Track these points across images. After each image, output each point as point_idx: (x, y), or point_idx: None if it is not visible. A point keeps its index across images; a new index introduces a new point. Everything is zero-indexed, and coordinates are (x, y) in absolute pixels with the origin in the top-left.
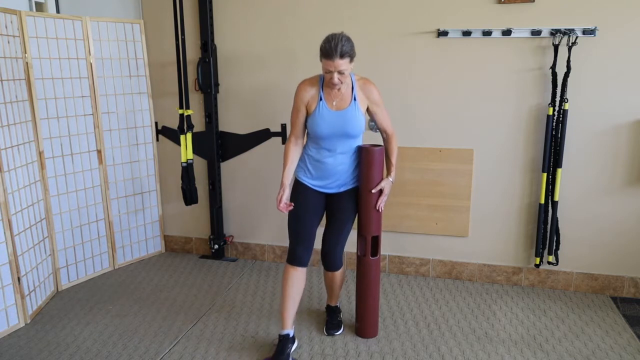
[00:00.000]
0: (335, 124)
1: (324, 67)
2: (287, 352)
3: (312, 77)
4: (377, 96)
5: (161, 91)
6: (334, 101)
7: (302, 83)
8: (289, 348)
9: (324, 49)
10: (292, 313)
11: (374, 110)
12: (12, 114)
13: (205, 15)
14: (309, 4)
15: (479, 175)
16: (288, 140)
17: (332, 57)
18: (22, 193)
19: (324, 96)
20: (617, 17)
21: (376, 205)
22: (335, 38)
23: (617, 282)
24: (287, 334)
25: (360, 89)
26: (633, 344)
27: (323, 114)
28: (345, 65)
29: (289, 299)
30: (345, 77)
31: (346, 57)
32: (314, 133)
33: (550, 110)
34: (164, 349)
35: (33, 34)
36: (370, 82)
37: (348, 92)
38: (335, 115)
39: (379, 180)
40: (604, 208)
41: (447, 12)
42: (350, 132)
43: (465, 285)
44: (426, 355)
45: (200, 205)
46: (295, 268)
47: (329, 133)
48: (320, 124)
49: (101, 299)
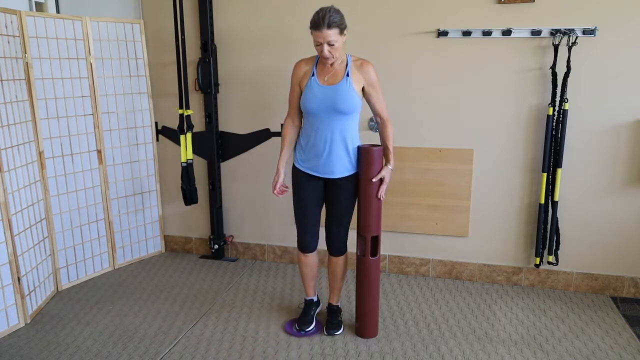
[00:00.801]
0: (324, 98)
1: (314, 39)
2: (312, 314)
3: (309, 57)
4: (374, 77)
5: (161, 91)
6: (325, 76)
7: (299, 62)
8: (313, 310)
9: (313, 21)
10: (313, 284)
11: (369, 92)
12: (12, 114)
13: (205, 15)
14: (309, 4)
15: (479, 175)
16: (285, 121)
17: (320, 28)
18: (22, 193)
19: (316, 72)
20: (617, 17)
21: (377, 194)
22: (323, 10)
23: (617, 282)
24: (310, 299)
25: (357, 68)
26: (633, 344)
27: (313, 88)
28: (334, 36)
29: (307, 277)
30: (336, 49)
31: (334, 28)
32: (305, 107)
33: (550, 110)
34: (164, 349)
35: (33, 34)
36: (369, 63)
37: (341, 68)
38: (325, 89)
39: (377, 184)
40: (604, 208)
41: (447, 12)
42: (339, 107)
43: (465, 285)
44: (426, 355)
45: (200, 205)
46: (307, 255)
47: (318, 107)
48: (310, 97)
49: (101, 299)
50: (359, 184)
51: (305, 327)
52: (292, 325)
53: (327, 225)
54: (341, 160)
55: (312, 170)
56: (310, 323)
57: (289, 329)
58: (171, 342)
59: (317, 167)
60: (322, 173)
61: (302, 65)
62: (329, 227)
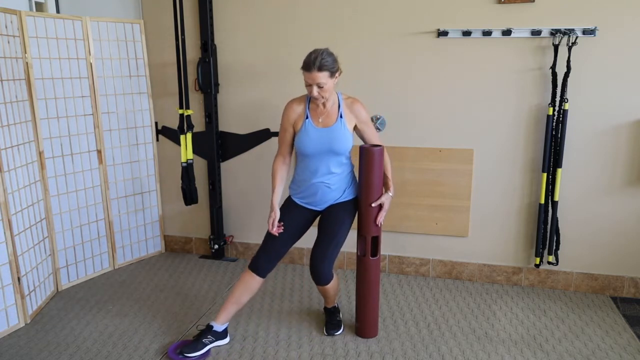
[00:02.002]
0: (321, 140)
1: (305, 80)
2: (204, 342)
3: (300, 97)
4: (364, 115)
5: (161, 91)
6: (319, 118)
7: (290, 102)
8: (208, 339)
9: (304, 62)
10: (231, 311)
11: (362, 129)
12: (12, 114)
13: (205, 15)
14: (309, 4)
15: (479, 175)
16: (275, 159)
17: (310, 70)
18: (22, 193)
19: (309, 114)
20: (617, 17)
21: (376, 220)
22: (316, 52)
23: (617, 282)
24: (212, 325)
25: (348, 108)
26: (633, 344)
27: (309, 131)
28: (324, 79)
29: (234, 298)
30: (326, 91)
31: (325, 71)
32: (301, 150)
33: (550, 110)
34: (164, 349)
35: (33, 34)
36: (358, 101)
37: (334, 109)
38: (321, 132)
39: (379, 180)
40: (604, 208)
41: (447, 12)
42: (336, 149)
43: (465, 285)
44: (426, 355)
45: (200, 205)
46: (252, 275)
47: (315, 150)
48: (306, 141)
49: (101, 299)
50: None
51: (187, 352)
52: (176, 348)
53: (315, 251)
54: (338, 191)
55: (310, 205)
56: (197, 350)
57: (171, 351)
58: (171, 342)
59: (314, 202)
60: (319, 206)
61: (294, 106)
62: (316, 251)
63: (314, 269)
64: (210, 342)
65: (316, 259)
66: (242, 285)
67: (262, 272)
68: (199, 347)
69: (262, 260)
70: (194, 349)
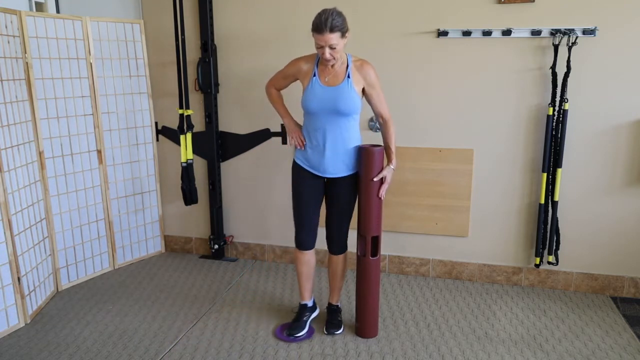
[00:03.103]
0: (326, 99)
1: (315, 41)
2: (304, 319)
3: (309, 55)
4: (374, 78)
5: (161, 91)
6: (326, 77)
7: (298, 58)
8: (306, 315)
9: (315, 23)
10: (309, 287)
11: (369, 92)
12: (12, 114)
13: (205, 15)
14: (309, 4)
15: (479, 175)
16: (269, 88)
17: (322, 31)
18: (22, 193)
19: (317, 72)
20: (617, 17)
21: (378, 193)
22: (326, 12)
23: (617, 282)
24: (305, 303)
25: (357, 69)
26: (633, 344)
27: (315, 89)
28: (336, 40)
29: (303, 276)
30: (337, 52)
31: (336, 31)
32: (306, 107)
33: (550, 110)
34: (164, 349)
35: (33, 34)
36: (368, 64)
37: (342, 69)
38: (326, 90)
39: (378, 183)
40: (604, 208)
41: (447, 12)
42: (341, 108)
43: (465, 285)
44: (426, 355)
45: (200, 205)
46: (303, 252)
47: (319, 108)
48: (311, 98)
49: (101, 299)
50: (360, 184)
51: (296, 332)
52: (282, 329)
53: (328, 223)
54: (342, 160)
55: (313, 168)
56: (302, 328)
57: (279, 334)
58: (171, 342)
59: (317, 166)
60: (322, 172)
61: (302, 63)
62: (329, 225)
63: (331, 239)
64: (308, 317)
65: (333, 233)
66: (301, 265)
67: (308, 245)
68: (302, 325)
69: (303, 235)
70: (300, 329)
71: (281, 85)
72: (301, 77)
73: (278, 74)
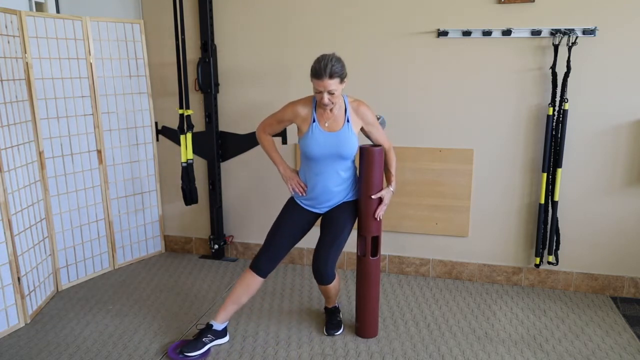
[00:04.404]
0: (328, 145)
1: (314, 87)
2: (204, 341)
3: (305, 98)
4: (370, 117)
5: (161, 91)
6: (326, 122)
7: (294, 103)
8: (208, 338)
9: (314, 69)
10: (230, 310)
11: (369, 130)
12: (12, 114)
13: (205, 15)
14: (308, 4)
15: (479, 175)
16: (261, 133)
17: (321, 77)
18: (22, 193)
19: (316, 117)
20: (617, 17)
21: (375, 214)
22: (325, 58)
23: (617, 282)
24: (212, 324)
25: (354, 111)
26: (633, 344)
27: (316, 135)
28: (335, 86)
29: (233, 297)
30: (336, 97)
31: (336, 78)
32: (307, 154)
33: (550, 110)
34: (164, 349)
35: (33, 34)
36: (363, 104)
37: (341, 113)
38: (328, 136)
39: (378, 180)
40: (604, 208)
41: (447, 12)
42: (343, 153)
43: (465, 285)
44: (426, 355)
45: (200, 205)
46: (253, 275)
47: (322, 154)
48: (313, 145)
49: (101, 299)
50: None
51: (187, 351)
52: (176, 347)
53: (317, 251)
54: (341, 194)
55: (313, 207)
56: (197, 349)
57: (171, 351)
58: (171, 342)
59: (318, 205)
60: (320, 209)
61: (299, 107)
62: (318, 252)
63: (317, 270)
64: (210, 341)
65: (319, 260)
66: (242, 285)
67: (263, 272)
68: (199, 346)
69: (263, 260)
70: (194, 348)
71: (275, 130)
72: (299, 122)
73: (271, 118)
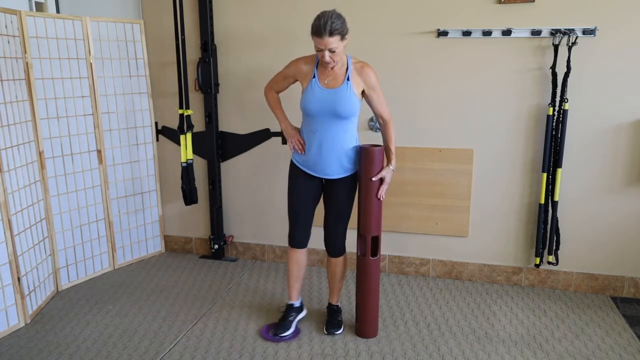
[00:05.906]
0: (325, 101)
1: (315, 45)
2: (290, 319)
3: (310, 56)
4: (374, 80)
5: (161, 91)
6: (326, 79)
7: (298, 59)
8: (292, 315)
9: (314, 27)
10: (297, 287)
11: (369, 94)
12: (12, 114)
13: (205, 15)
14: (308, 5)
15: (479, 175)
16: (268, 91)
17: (321, 35)
18: (22, 193)
19: (317, 74)
20: (617, 17)
21: (377, 194)
22: (325, 15)
23: (617, 282)
24: (291, 304)
25: (357, 72)
26: (633, 344)
27: (314, 90)
28: (336, 43)
29: (292, 276)
30: (337, 55)
31: (336, 35)
32: (304, 109)
33: (550, 110)
34: (164, 349)
35: (33, 34)
36: (368, 66)
37: (342, 72)
38: (326, 92)
39: (378, 183)
40: (604, 208)
41: (447, 12)
42: (339, 111)
43: (465, 285)
44: (426, 355)
45: (200, 205)
46: (296, 250)
47: (318, 110)
48: (310, 100)
49: (101, 299)
50: (359, 184)
51: (281, 332)
52: (268, 329)
53: (326, 225)
54: (339, 162)
55: (310, 169)
56: (288, 328)
57: (264, 333)
58: (171, 342)
59: (314, 167)
60: (319, 173)
61: (302, 64)
62: (327, 226)
63: (328, 242)
64: (294, 318)
65: (329, 233)
66: (293, 263)
67: (302, 244)
68: (287, 325)
69: (297, 235)
70: (285, 328)
71: (281, 87)
72: (301, 78)
73: (278, 75)
